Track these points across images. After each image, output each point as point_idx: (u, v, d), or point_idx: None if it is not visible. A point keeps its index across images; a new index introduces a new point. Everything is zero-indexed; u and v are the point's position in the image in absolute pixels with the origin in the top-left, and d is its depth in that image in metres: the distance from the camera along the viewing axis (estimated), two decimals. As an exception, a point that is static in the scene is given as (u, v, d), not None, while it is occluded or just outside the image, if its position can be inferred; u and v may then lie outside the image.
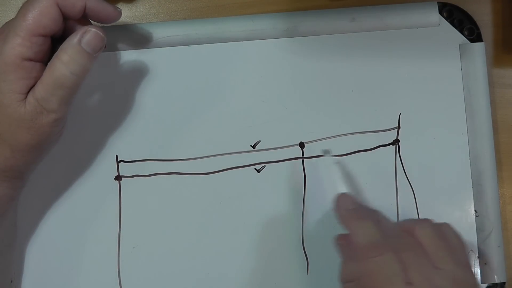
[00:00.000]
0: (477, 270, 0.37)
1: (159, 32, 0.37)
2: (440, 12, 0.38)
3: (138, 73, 0.37)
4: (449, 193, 0.37)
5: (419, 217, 0.37)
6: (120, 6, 0.39)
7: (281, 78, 0.38)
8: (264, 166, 0.37)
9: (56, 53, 0.30)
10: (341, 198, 0.34)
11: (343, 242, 0.33)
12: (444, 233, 0.32)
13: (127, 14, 0.39)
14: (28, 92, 0.29)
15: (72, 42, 0.29)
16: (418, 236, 0.31)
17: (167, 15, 0.39)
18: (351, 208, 0.33)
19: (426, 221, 0.33)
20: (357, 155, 0.38)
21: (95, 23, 0.32)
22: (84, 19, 0.32)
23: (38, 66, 0.30)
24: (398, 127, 0.38)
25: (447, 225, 0.33)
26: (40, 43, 0.29)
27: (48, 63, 0.30)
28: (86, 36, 0.30)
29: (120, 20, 0.37)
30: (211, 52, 0.37)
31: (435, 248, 0.31)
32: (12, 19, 0.30)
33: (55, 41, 0.31)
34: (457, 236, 0.33)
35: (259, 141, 0.37)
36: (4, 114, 0.29)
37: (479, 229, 0.37)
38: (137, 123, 0.37)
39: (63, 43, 0.30)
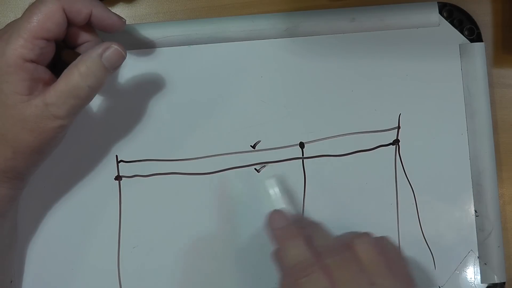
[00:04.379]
0: (477, 270, 0.37)
1: (159, 32, 0.37)
2: (440, 12, 0.38)
3: (138, 73, 0.37)
4: (449, 193, 0.37)
5: (419, 216, 0.37)
6: (120, 6, 0.39)
7: (281, 78, 0.38)
8: (264, 166, 0.37)
9: (74, 62, 0.30)
10: (272, 216, 0.33)
11: (277, 258, 0.32)
12: (383, 246, 0.32)
13: (127, 14, 0.39)
14: (30, 94, 0.29)
15: (92, 55, 0.30)
16: (357, 251, 0.31)
17: (167, 15, 0.39)
18: (282, 226, 0.32)
19: (365, 235, 0.32)
20: (357, 155, 0.38)
21: (102, 31, 0.32)
22: (88, 26, 0.32)
23: (40, 68, 0.30)
24: (398, 127, 0.38)
25: (386, 238, 0.33)
26: (43, 46, 0.29)
27: (64, 71, 0.30)
28: (107, 52, 0.30)
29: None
30: (211, 52, 0.37)
31: (372, 263, 0.30)
32: (17, 19, 0.30)
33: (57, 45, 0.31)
34: (395, 249, 0.33)
35: (259, 141, 0.37)
36: (8, 115, 0.29)
37: (479, 229, 0.37)
38: (137, 123, 0.37)
39: (83, 54, 0.30)
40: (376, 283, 0.29)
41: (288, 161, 0.37)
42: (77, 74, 0.29)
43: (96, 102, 0.37)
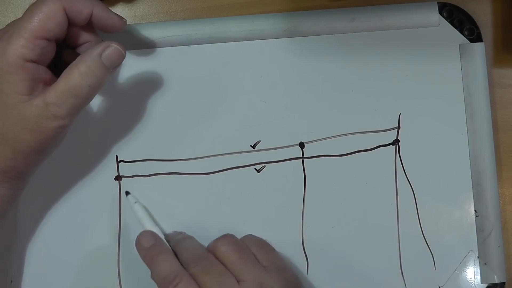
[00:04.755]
0: (477, 270, 0.37)
1: (159, 32, 0.37)
2: (440, 12, 0.38)
3: (138, 73, 0.37)
4: (449, 193, 0.37)
5: (419, 216, 0.37)
6: (120, 6, 0.39)
7: (281, 78, 0.38)
8: (264, 166, 0.37)
9: (74, 62, 0.30)
10: (139, 238, 0.34)
11: (152, 277, 0.33)
12: (244, 245, 0.33)
13: (127, 14, 0.39)
14: (30, 94, 0.29)
15: (92, 54, 0.30)
16: (217, 254, 0.32)
17: (167, 15, 0.39)
18: (148, 245, 0.33)
19: (224, 237, 0.33)
20: (357, 155, 0.38)
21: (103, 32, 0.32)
22: (89, 26, 0.32)
23: (41, 68, 0.30)
24: (398, 127, 0.38)
25: (249, 236, 0.35)
26: (43, 46, 0.29)
27: (64, 70, 0.30)
28: (107, 51, 0.30)
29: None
30: (211, 52, 0.37)
31: (233, 263, 0.31)
32: (18, 19, 0.30)
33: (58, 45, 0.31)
34: (260, 243, 0.34)
35: (259, 141, 0.37)
36: (9, 115, 0.29)
37: (479, 229, 0.37)
38: (137, 123, 0.37)
39: (83, 53, 0.30)
40: (243, 279, 0.31)
41: (288, 161, 0.37)
42: (77, 73, 0.29)
43: (96, 102, 0.37)
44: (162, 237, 0.34)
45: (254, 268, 0.32)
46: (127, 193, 0.36)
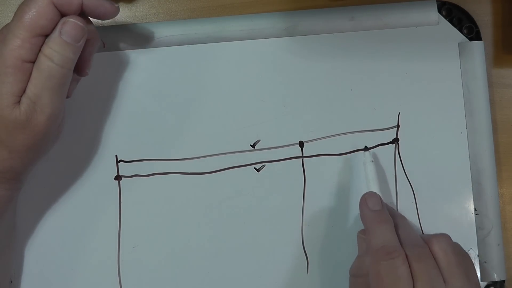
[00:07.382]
0: (476, 268, 0.37)
1: (159, 32, 0.37)
2: (439, 11, 0.38)
3: (138, 73, 0.37)
4: (448, 192, 0.38)
5: (419, 215, 0.37)
6: (120, 6, 0.39)
7: (281, 77, 0.38)
8: (264, 166, 0.37)
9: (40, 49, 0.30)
10: (368, 197, 0.34)
11: (363, 237, 0.34)
12: (458, 249, 0.32)
13: (127, 14, 0.39)
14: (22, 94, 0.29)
15: (52, 35, 0.29)
16: (434, 248, 0.32)
17: (167, 15, 0.39)
18: (375, 209, 0.34)
19: (444, 235, 0.33)
20: (357, 154, 0.38)
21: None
22: (82, 16, 0.32)
23: None
24: (398, 126, 0.38)
25: (459, 244, 0.34)
26: (40, 43, 0.29)
27: (35, 61, 0.30)
28: (65, 27, 0.29)
29: (120, 20, 0.37)
30: (211, 51, 0.37)
31: (448, 263, 0.31)
32: (9, 22, 0.30)
33: None
34: (468, 256, 0.33)
35: (258, 141, 0.37)
36: (1, 116, 0.29)
37: (479, 227, 0.37)
38: (137, 123, 0.37)
39: (47, 38, 0.30)
40: (449, 282, 0.30)
41: (288, 160, 0.37)
42: (44, 57, 0.29)
43: (96, 102, 0.37)
44: None
45: (463, 275, 0.31)
46: (367, 148, 0.37)
